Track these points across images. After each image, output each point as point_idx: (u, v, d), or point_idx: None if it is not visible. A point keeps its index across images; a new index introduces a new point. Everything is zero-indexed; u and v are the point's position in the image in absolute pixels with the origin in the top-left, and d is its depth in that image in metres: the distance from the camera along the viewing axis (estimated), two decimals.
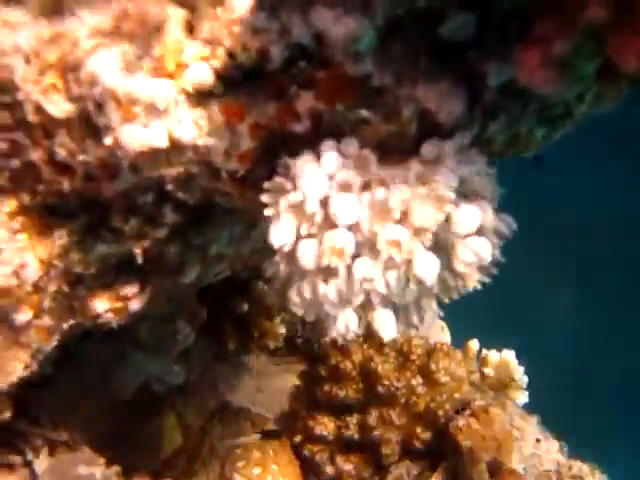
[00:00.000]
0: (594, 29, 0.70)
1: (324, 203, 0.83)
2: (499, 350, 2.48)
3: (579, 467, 2.00)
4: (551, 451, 2.12)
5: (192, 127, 0.88)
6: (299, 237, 0.83)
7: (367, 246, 0.83)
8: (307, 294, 0.86)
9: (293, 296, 0.88)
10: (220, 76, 0.87)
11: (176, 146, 0.89)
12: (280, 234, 0.83)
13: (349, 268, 0.84)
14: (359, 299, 0.87)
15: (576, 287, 4.36)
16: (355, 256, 0.84)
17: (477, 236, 0.84)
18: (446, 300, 1.00)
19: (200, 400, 1.81)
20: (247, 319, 2.22)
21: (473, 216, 0.84)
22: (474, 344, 2.46)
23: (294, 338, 2.37)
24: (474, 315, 2.79)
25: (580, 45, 0.74)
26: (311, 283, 0.86)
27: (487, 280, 0.88)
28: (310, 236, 0.83)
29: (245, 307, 2.19)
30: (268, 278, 0.96)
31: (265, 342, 2.27)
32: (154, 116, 0.85)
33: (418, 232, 0.81)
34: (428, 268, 0.82)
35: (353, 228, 0.82)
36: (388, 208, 0.83)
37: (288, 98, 0.88)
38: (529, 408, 2.38)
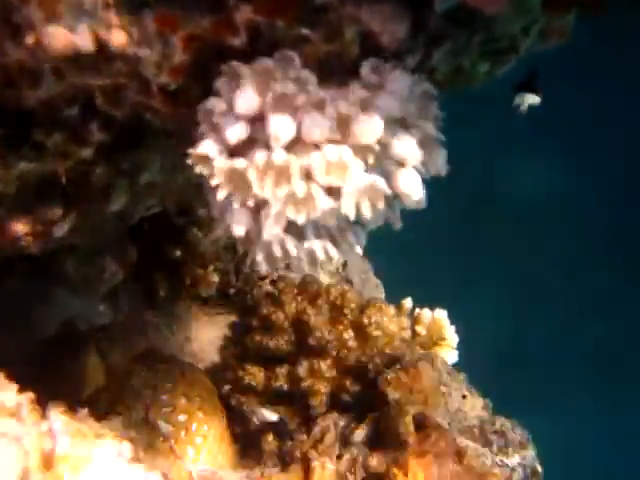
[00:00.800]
0: None
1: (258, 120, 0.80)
2: (432, 309, 2.50)
3: (502, 423, 2.04)
4: (476, 407, 2.15)
5: (121, 33, 0.82)
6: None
7: (300, 167, 0.80)
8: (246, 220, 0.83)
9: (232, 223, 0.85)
10: None
11: (103, 52, 0.83)
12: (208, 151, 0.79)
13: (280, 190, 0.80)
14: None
15: (511, 254, 4.44)
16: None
17: (412, 166, 0.82)
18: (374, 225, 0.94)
19: (126, 343, 1.76)
20: (180, 266, 2.17)
21: (411, 145, 0.81)
22: (408, 302, 2.47)
23: (227, 288, 2.33)
24: (409, 275, 2.80)
25: None
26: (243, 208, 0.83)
27: (420, 206, 0.85)
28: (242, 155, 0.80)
29: (178, 254, 2.14)
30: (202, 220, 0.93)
31: (197, 290, 2.23)
32: (80, 17, 0.80)
33: (359, 153, 0.78)
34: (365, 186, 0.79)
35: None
36: (325, 131, 0.80)
37: (226, 10, 0.84)
38: (458, 367, 2.41)
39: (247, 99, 0.78)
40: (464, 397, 2.15)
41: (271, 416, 2.08)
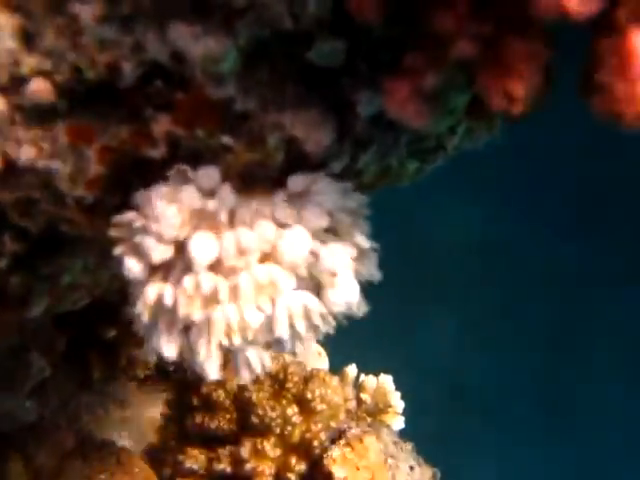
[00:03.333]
0: (466, 62, 0.66)
1: (179, 244, 0.76)
2: (377, 375, 2.46)
3: None
4: (424, 478, 2.11)
5: (31, 148, 0.78)
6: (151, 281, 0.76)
7: (229, 289, 0.76)
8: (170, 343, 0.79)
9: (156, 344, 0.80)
10: (64, 93, 0.78)
11: (12, 168, 0.79)
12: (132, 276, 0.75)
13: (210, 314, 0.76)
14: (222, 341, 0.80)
15: (451, 307, 4.46)
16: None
17: (345, 275, 0.79)
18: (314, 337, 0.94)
19: (56, 437, 1.66)
20: (114, 346, 2.09)
21: (341, 254, 0.79)
22: (351, 370, 2.43)
23: (166, 365, 2.25)
24: (351, 339, 2.77)
25: (452, 77, 0.70)
26: (172, 331, 0.79)
27: (353, 318, 0.83)
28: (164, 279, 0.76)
29: (112, 333, 2.06)
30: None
31: (134, 371, 2.15)
32: None
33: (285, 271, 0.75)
34: (297, 307, 0.76)
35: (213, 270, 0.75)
36: (252, 248, 0.76)
37: (143, 120, 0.80)
38: (405, 430, 2.38)
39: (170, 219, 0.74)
40: (412, 468, 2.11)
41: None
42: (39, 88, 0.75)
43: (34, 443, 1.53)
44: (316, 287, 0.80)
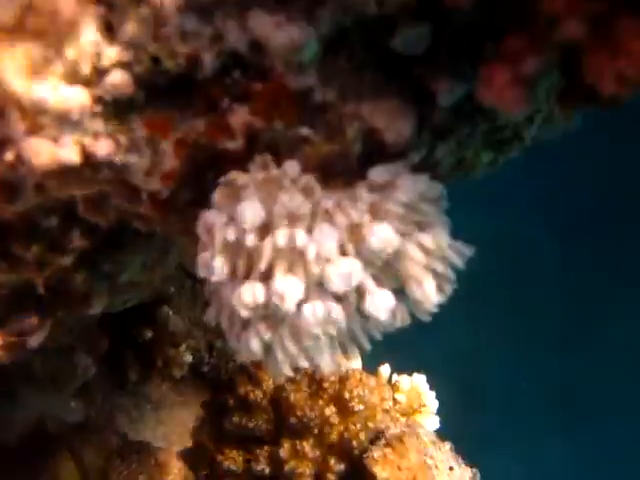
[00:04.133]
0: (568, 45, 0.64)
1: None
2: (410, 374, 2.44)
3: None
4: (464, 478, 2.08)
5: (109, 142, 0.76)
6: (236, 279, 0.74)
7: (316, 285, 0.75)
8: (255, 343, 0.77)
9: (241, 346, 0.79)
10: (143, 85, 0.76)
11: (90, 163, 0.77)
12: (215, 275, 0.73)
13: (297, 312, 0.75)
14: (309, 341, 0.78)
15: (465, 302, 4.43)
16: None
17: (431, 270, 0.77)
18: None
19: (101, 437, 1.65)
20: (150, 347, 2.08)
21: (427, 247, 0.77)
22: (385, 369, 2.40)
23: (200, 365, 2.23)
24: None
25: (548, 62, 0.68)
26: (258, 331, 0.77)
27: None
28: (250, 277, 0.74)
29: (149, 334, 2.05)
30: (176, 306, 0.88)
31: (169, 371, 2.13)
32: (65, 128, 0.73)
33: (370, 265, 0.73)
34: (381, 304, 0.74)
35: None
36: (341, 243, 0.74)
37: (220, 112, 0.78)
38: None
39: (253, 211, 0.72)
40: (451, 469, 2.09)
41: None
42: (119, 80, 0.73)
43: (81, 443, 1.52)
44: (398, 281, 0.78)
